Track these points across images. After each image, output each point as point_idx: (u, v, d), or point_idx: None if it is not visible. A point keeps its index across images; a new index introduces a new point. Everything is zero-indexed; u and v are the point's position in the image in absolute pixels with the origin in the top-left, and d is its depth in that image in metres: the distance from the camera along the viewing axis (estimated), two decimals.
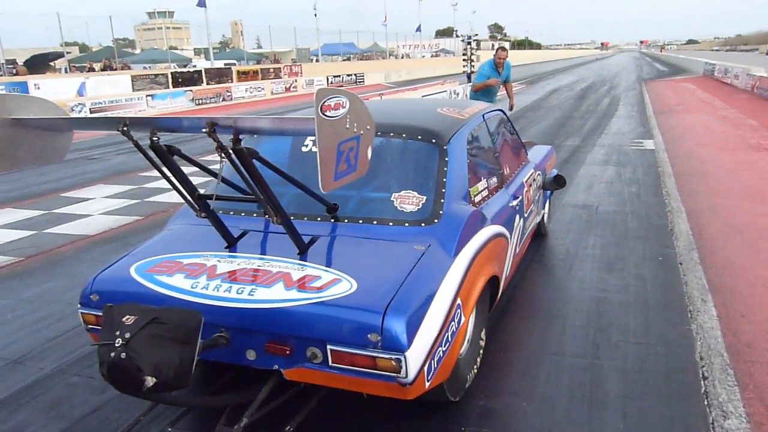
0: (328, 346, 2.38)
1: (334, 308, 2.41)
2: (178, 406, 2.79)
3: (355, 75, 38.39)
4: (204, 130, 2.29)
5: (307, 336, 2.41)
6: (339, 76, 36.78)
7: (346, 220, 3.02)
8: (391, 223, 2.95)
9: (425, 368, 2.42)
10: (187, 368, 2.23)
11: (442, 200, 3.01)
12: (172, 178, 2.70)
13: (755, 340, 3.61)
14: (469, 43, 23.45)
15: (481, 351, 3.24)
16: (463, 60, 23.24)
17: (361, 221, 3.00)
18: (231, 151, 2.36)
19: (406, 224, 2.94)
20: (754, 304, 4.13)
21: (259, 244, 2.99)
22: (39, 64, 25.37)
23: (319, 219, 3.05)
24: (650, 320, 3.91)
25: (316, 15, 42.18)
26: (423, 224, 2.93)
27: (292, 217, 2.71)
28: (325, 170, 2.06)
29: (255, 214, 3.17)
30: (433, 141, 3.26)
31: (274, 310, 2.45)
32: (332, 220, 3.03)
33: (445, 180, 3.08)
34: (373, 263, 2.70)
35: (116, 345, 2.15)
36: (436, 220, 2.94)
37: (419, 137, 3.28)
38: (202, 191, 2.90)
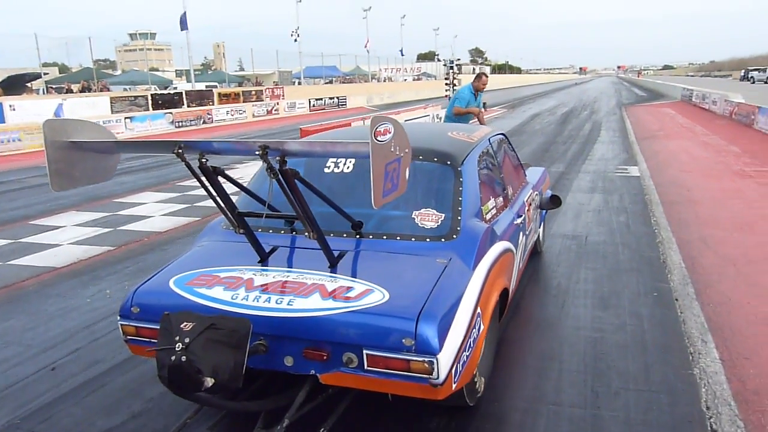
0: (365, 351, 2.53)
1: (370, 316, 2.58)
2: (219, 409, 2.93)
3: (338, 98, 38.35)
4: (257, 152, 2.49)
5: (345, 342, 2.56)
6: (321, 99, 36.70)
7: (370, 236, 3.21)
8: (413, 239, 3.16)
9: (453, 371, 2.57)
10: (239, 371, 2.43)
11: (459, 217, 3.23)
12: (216, 197, 2.89)
13: (762, 387, 3.40)
14: (452, 68, 23.54)
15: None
16: (446, 84, 23.33)
17: (385, 237, 3.20)
18: (278, 172, 2.57)
19: (428, 240, 3.15)
20: (757, 344, 3.94)
21: (290, 259, 3.17)
22: (15, 85, 24.86)
23: (345, 235, 3.22)
24: (650, 364, 3.70)
25: (297, 39, 41.99)
26: (443, 239, 3.14)
27: (330, 233, 2.99)
28: (377, 189, 2.29)
29: (282, 231, 3.37)
30: (448, 163, 3.48)
31: (313, 319, 2.61)
32: (357, 236, 3.22)
33: (460, 199, 3.30)
34: (401, 275, 2.89)
35: (177, 349, 2.35)
36: (454, 236, 3.15)
37: (435, 159, 3.50)
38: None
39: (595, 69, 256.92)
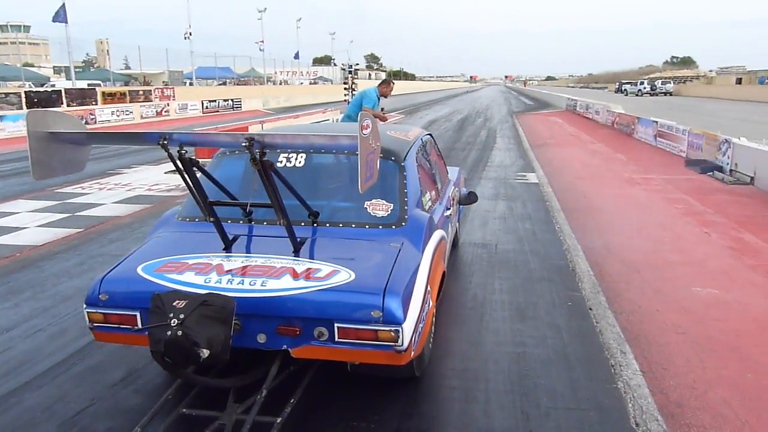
0: (336, 325, 2.78)
1: (340, 293, 2.84)
2: (200, 385, 3.01)
3: (232, 100, 37.18)
4: (243, 144, 2.75)
5: (317, 317, 2.80)
6: (215, 100, 35.42)
7: (327, 224, 3.48)
8: (367, 226, 3.46)
9: (412, 340, 2.86)
10: (228, 344, 2.64)
11: (406, 207, 3.57)
12: (192, 186, 3.05)
13: (684, 398, 3.40)
14: (351, 72, 23.40)
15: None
16: (344, 89, 23.09)
17: (341, 225, 3.48)
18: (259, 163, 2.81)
19: (380, 227, 3.46)
20: (672, 354, 3.97)
21: (253, 246, 3.36)
22: None
23: (303, 224, 3.41)
24: (575, 379, 3.61)
25: (189, 37, 40.21)
26: (394, 226, 3.47)
27: (277, 223, 3.13)
28: (362, 175, 2.61)
29: (241, 221, 3.53)
30: (393, 159, 3.79)
31: (287, 297, 2.82)
32: (314, 225, 3.46)
33: (405, 191, 3.66)
34: (362, 257, 3.15)
35: (172, 324, 2.53)
36: (403, 223, 3.49)
37: (381, 155, 3.59)
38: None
39: (485, 78, 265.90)
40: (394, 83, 8.46)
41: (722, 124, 18.87)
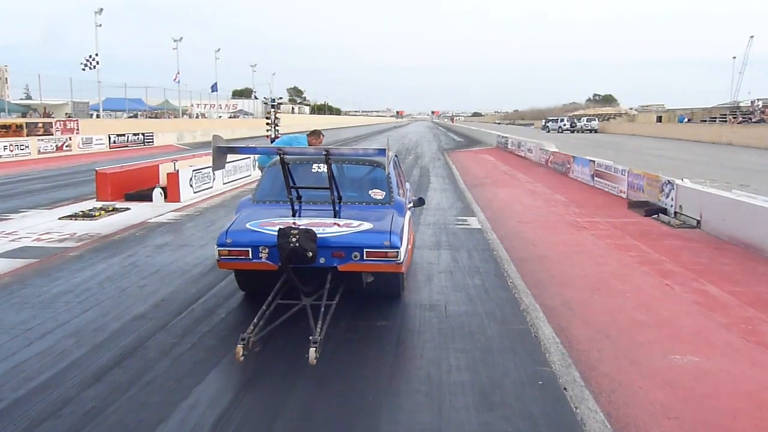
0: (365, 250, 5.04)
1: (367, 234, 5.18)
2: (292, 283, 4.92)
3: (143, 134, 35.33)
4: (324, 154, 5.32)
5: (354, 246, 5.06)
6: (124, 135, 33.51)
7: (349, 203, 5.86)
8: (372, 204, 6.02)
9: (404, 258, 5.24)
10: (316, 253, 4.86)
11: (392, 194, 6.16)
12: (286, 176, 5.52)
13: None
14: (274, 106, 22.42)
15: None
16: (267, 123, 22.08)
17: (357, 203, 5.97)
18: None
19: (380, 204, 6.02)
20: None
21: (308, 214, 5.66)
22: None
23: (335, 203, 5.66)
24: None
25: (95, 67, 37.48)
26: (387, 204, 6.03)
27: (318, 203, 5.81)
28: (387, 167, 6.14)
29: (297, 201, 5.77)
30: (382, 166, 6.25)
31: (338, 236, 5.11)
32: (340, 203, 5.65)
33: (391, 185, 6.22)
34: (373, 218, 5.51)
35: (293, 240, 4.71)
36: (391, 203, 6.06)
37: (375, 164, 6.33)
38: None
39: (411, 113, 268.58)
40: (324, 135, 7.77)
41: (652, 162, 19.07)
